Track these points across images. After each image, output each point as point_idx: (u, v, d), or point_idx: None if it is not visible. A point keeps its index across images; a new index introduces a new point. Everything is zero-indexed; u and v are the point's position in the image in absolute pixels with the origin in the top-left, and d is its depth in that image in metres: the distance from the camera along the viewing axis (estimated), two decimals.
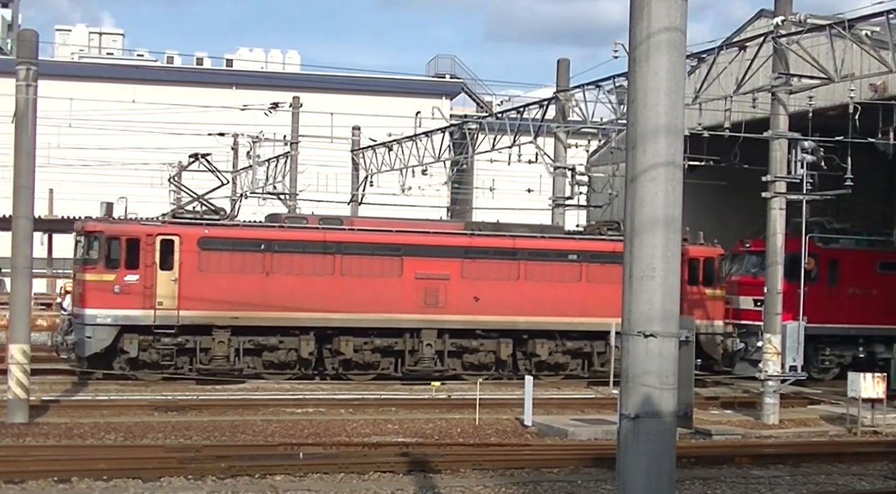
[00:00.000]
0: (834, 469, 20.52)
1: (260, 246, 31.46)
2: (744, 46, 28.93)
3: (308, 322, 31.74)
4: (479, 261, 33.23)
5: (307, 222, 33.01)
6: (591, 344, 34.35)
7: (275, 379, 31.74)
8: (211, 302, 30.63)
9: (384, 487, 17.17)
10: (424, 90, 70.70)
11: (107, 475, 17.14)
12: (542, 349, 33.74)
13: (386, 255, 32.50)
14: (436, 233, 33.65)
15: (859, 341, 36.13)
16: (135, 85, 63.93)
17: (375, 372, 32.86)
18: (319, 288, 31.77)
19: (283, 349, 31.81)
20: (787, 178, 27.05)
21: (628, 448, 8.33)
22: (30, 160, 23.81)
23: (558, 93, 37.30)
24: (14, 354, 23.25)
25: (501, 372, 33.83)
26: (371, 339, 32.43)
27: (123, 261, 30.25)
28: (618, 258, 33.91)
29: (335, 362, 32.46)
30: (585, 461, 19.87)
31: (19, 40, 25.51)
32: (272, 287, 31.35)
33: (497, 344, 33.52)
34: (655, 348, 8.24)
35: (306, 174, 49.37)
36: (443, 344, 33.02)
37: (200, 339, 31.04)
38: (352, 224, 33.34)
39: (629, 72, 8.40)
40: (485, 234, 33.93)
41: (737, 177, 35.84)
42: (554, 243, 34.27)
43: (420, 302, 32.64)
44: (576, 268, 34.06)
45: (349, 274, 32.07)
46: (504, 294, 33.32)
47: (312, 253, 31.86)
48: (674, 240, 8.28)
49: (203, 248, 30.91)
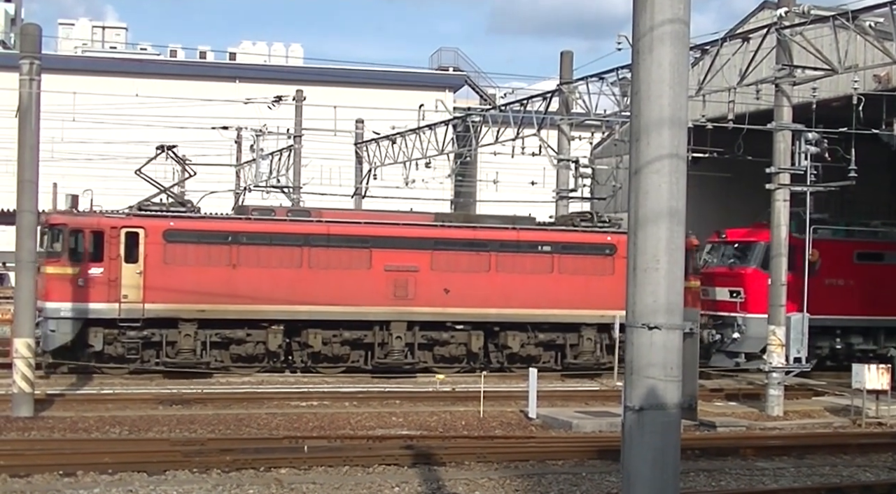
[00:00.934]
0: (838, 461, 20.52)
1: (226, 238, 31.23)
2: (747, 38, 28.90)
3: (275, 314, 31.50)
4: (449, 253, 33.01)
5: (275, 214, 32.83)
6: (563, 336, 34.14)
7: (242, 372, 31.40)
8: (177, 294, 30.37)
9: (389, 480, 17.18)
10: (428, 83, 70.67)
11: (112, 468, 17.15)
12: (513, 341, 33.50)
13: (354, 247, 32.27)
14: (405, 224, 33.45)
15: (837, 332, 35.76)
16: (138, 79, 63.98)
17: (345, 364, 32.61)
18: (287, 280, 31.54)
19: (251, 342, 31.54)
20: (790, 170, 27.03)
21: (633, 441, 8.33)
22: (33, 154, 23.83)
23: (562, 86, 37.27)
24: (19, 348, 23.30)
25: (473, 365, 33.54)
26: (340, 332, 32.19)
27: (87, 254, 30.03)
28: (590, 249, 33.89)
29: (304, 355, 32.23)
30: (590, 453, 19.88)
31: (22, 34, 25.52)
32: (239, 279, 31.09)
33: (468, 337, 33.24)
34: (660, 340, 8.22)
35: (310, 167, 49.39)
36: (413, 337, 32.74)
37: (167, 332, 30.76)
38: (320, 216, 33.09)
39: (632, 64, 8.39)
40: (454, 226, 33.72)
41: (741, 169, 35.78)
42: (525, 234, 34.02)
43: (389, 294, 32.40)
44: (547, 260, 33.85)
45: (317, 266, 31.86)
46: (474, 286, 33.08)
47: (280, 245, 31.66)
48: (678, 233, 8.27)
49: (168, 241, 30.68)
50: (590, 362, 33.89)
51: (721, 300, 36.01)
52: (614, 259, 34.06)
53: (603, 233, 34.72)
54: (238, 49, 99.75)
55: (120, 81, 64.13)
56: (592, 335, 34.08)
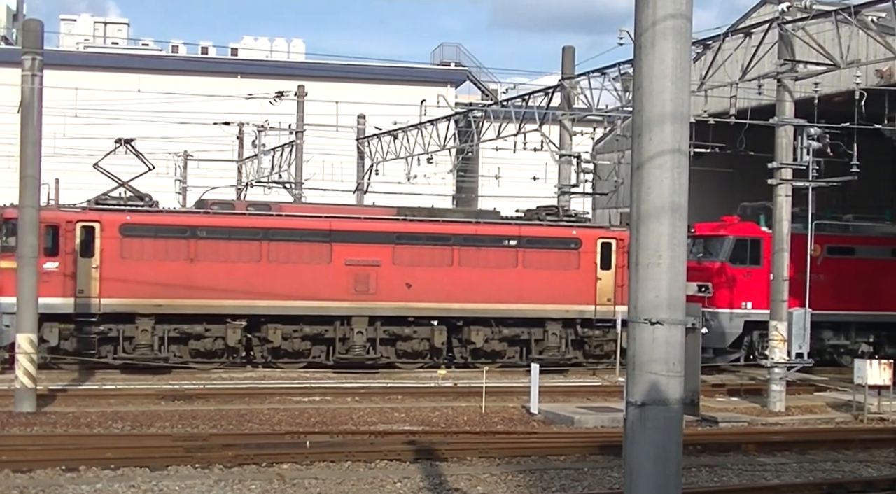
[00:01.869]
0: (840, 456, 20.53)
1: (184, 232, 30.94)
2: (749, 33, 28.88)
3: (234, 309, 31.25)
4: (411, 247, 32.73)
5: (234, 208, 32.59)
6: (528, 332, 33.89)
7: (202, 368, 31.12)
8: (134, 289, 30.07)
9: (391, 475, 17.20)
10: (429, 78, 70.57)
11: (114, 463, 17.18)
12: (477, 336, 33.17)
13: (315, 241, 31.98)
14: (366, 218, 33.18)
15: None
16: (140, 74, 63.89)
17: (306, 360, 32.38)
18: (246, 275, 31.23)
19: (210, 337, 31.26)
20: (792, 165, 27.00)
21: (635, 436, 8.33)
22: (36, 150, 23.84)
23: (563, 81, 37.24)
24: (21, 344, 23.34)
25: (436, 360, 33.34)
26: (300, 327, 31.93)
27: (42, 249, 29.25)
28: (555, 244, 33.67)
29: (264, 350, 31.97)
30: (592, 448, 19.87)
31: (24, 30, 25.53)
32: (197, 274, 30.82)
33: (431, 332, 32.98)
34: (662, 335, 8.22)
35: (311, 163, 49.37)
36: (375, 332, 32.49)
37: (124, 328, 30.48)
38: (280, 210, 32.93)
39: (635, 59, 8.39)
40: (417, 220, 33.39)
41: (742, 164, 35.82)
42: (489, 228, 33.76)
43: (350, 288, 32.09)
44: (511, 254, 33.53)
45: (277, 260, 31.57)
46: (437, 280, 32.81)
47: (238, 239, 31.36)
48: (680, 228, 8.26)
49: (125, 235, 30.40)
50: (555, 357, 33.50)
51: (689, 294, 35.80)
52: (580, 253, 33.93)
53: (568, 228, 34.43)
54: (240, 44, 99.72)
55: (122, 77, 64.11)
56: (557, 330, 33.80)
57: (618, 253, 34.13)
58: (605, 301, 34.05)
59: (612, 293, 34.07)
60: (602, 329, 34.28)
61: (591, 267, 34.01)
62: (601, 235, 34.50)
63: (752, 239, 35.53)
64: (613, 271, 34.19)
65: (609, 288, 34.12)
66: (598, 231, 34.85)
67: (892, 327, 37.38)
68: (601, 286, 34.08)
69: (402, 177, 44.05)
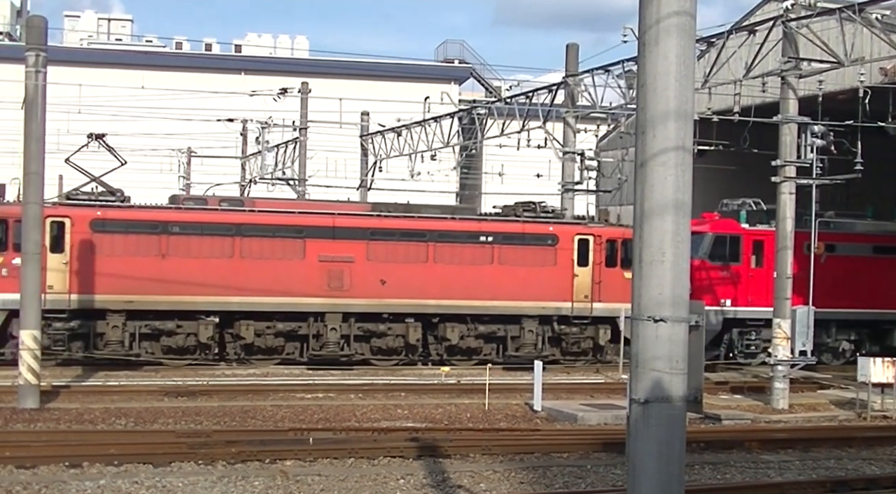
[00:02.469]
0: (844, 454, 20.52)
1: (156, 227, 30.76)
2: (753, 30, 28.86)
3: (206, 306, 31.03)
4: (385, 243, 32.53)
5: (207, 204, 32.44)
6: (504, 329, 33.75)
7: (174, 364, 30.94)
8: (104, 285, 29.85)
9: (394, 472, 17.20)
10: (433, 75, 70.53)
11: (118, 460, 17.19)
12: (452, 333, 33.05)
13: (288, 237, 31.81)
14: (340, 214, 32.93)
15: None
16: (144, 71, 63.94)
17: (279, 357, 32.23)
18: (218, 271, 31.04)
19: (182, 333, 31.08)
20: (796, 163, 27.00)
21: (638, 433, 8.33)
22: (39, 146, 23.86)
23: (567, 78, 37.24)
24: (25, 340, 23.36)
25: (411, 357, 33.22)
26: (274, 323, 31.78)
27: (11, 244, 29.35)
28: (532, 240, 33.51)
29: (237, 347, 31.83)
30: (595, 446, 19.88)
31: (28, 26, 25.55)
32: (169, 270, 30.60)
33: (406, 329, 32.82)
34: (665, 333, 8.21)
35: (315, 160, 49.39)
36: (349, 329, 32.34)
37: (94, 324, 30.32)
38: (253, 205, 32.79)
39: (638, 56, 8.38)
40: (391, 216, 33.21)
41: (746, 162, 35.76)
42: (464, 225, 33.61)
43: (324, 285, 31.91)
44: (488, 250, 33.37)
45: (249, 256, 31.39)
46: (412, 277, 32.62)
47: (210, 235, 31.18)
48: (683, 225, 8.26)
49: (96, 230, 30.20)
50: (532, 354, 33.15)
51: None
52: (556, 250, 33.79)
53: (545, 224, 34.29)
54: (244, 41, 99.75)
55: (125, 73, 64.10)
56: (534, 327, 33.67)
57: (595, 249, 34.04)
58: (583, 298, 33.90)
59: (589, 290, 33.94)
60: (579, 326, 34.17)
61: (568, 263, 33.86)
62: (578, 232, 34.31)
63: (732, 236, 35.43)
64: (591, 268, 34.03)
65: (586, 284, 33.96)
66: (575, 227, 34.63)
67: (873, 325, 37.26)
68: (578, 283, 33.90)
69: (405, 174, 44.06)
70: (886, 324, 37.49)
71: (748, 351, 35.55)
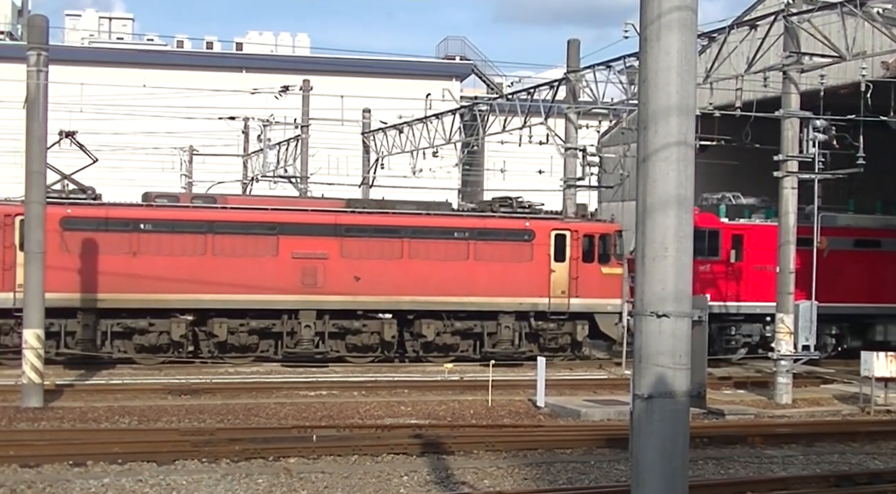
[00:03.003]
0: (847, 449, 20.52)
1: (127, 225, 30.58)
2: (755, 25, 28.83)
3: (179, 303, 30.91)
4: (359, 240, 32.40)
5: (179, 201, 32.31)
6: (481, 325, 33.57)
7: (147, 363, 30.77)
8: (75, 283, 29.65)
9: (397, 469, 17.21)
10: (435, 72, 70.50)
11: (121, 458, 17.21)
12: (428, 329, 32.86)
13: (261, 234, 31.69)
14: (313, 210, 32.83)
15: (766, 319, 34.52)
16: (145, 69, 63.93)
17: (254, 354, 32.06)
18: (191, 268, 30.89)
19: (154, 332, 30.89)
20: (798, 157, 26.99)
21: (642, 429, 8.33)
22: (41, 145, 23.89)
23: (569, 74, 37.20)
24: (28, 339, 23.38)
25: (387, 354, 33.07)
26: (247, 321, 31.63)
27: None
28: (508, 236, 33.32)
29: (210, 345, 31.66)
30: (598, 441, 19.90)
31: (30, 25, 25.56)
32: (141, 268, 30.43)
33: (381, 325, 32.64)
34: (668, 328, 8.22)
35: (317, 157, 49.37)
36: (323, 326, 32.20)
37: (66, 322, 30.12)
38: (226, 202, 32.65)
39: (640, 52, 8.38)
40: (365, 212, 33.12)
41: (748, 157, 35.70)
42: (439, 220, 33.47)
43: (297, 282, 31.76)
44: (463, 246, 33.21)
45: (222, 253, 31.23)
46: (387, 273, 32.46)
47: (182, 232, 31.04)
48: (686, 221, 8.26)
49: (66, 228, 30.02)
50: (508, 350, 33.24)
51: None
52: (533, 245, 33.64)
53: (521, 219, 34.15)
54: (245, 39, 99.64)
55: (127, 72, 64.10)
56: (511, 323, 33.50)
57: (572, 244, 33.90)
58: (560, 293, 33.75)
59: (566, 285, 33.78)
60: (556, 321, 34.01)
61: (545, 259, 33.72)
62: (555, 227, 34.17)
63: (710, 230, 35.22)
64: (567, 263, 33.88)
65: (563, 280, 33.80)
66: (551, 222, 34.49)
67: (853, 319, 37.07)
68: (555, 278, 33.75)
69: (407, 171, 44.03)
70: (867, 318, 37.24)
71: (728, 346, 35.36)
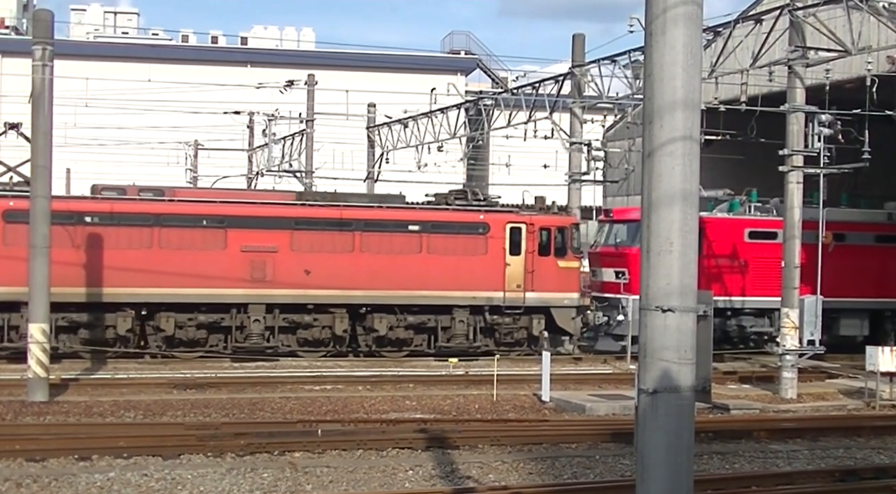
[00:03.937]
0: (852, 443, 20.52)
1: (71, 218, 30.06)
2: (760, 19, 28.80)
3: (125, 297, 30.48)
4: (310, 233, 32.02)
5: (126, 193, 31.96)
6: (435, 319, 33.23)
7: (90, 358, 30.35)
8: (18, 277, 28.43)
9: (402, 463, 17.23)
10: (440, 66, 70.58)
11: (127, 452, 17.25)
12: (381, 324, 32.45)
13: (209, 227, 31.31)
14: (262, 203, 32.51)
15: (727, 314, 34.42)
16: (150, 64, 64.11)
17: (202, 349, 31.68)
18: (137, 261, 30.45)
19: (100, 326, 30.56)
20: (804, 152, 26.94)
21: (647, 423, 8.33)
22: (47, 140, 23.90)
23: (574, 69, 37.16)
24: (34, 333, 23.41)
25: (339, 349, 32.77)
26: (195, 315, 31.26)
27: None
28: (462, 229, 32.95)
29: (158, 339, 31.29)
30: (603, 436, 19.90)
31: (35, 20, 25.56)
32: (86, 261, 30.10)
33: (332, 319, 32.30)
34: (673, 323, 8.21)
35: (322, 152, 49.41)
36: (273, 320, 31.86)
37: (9, 317, 29.81)
38: (174, 195, 32.36)
39: (645, 46, 8.37)
40: (316, 205, 32.78)
41: (753, 151, 35.67)
42: (392, 213, 33.07)
43: (246, 275, 31.39)
44: (416, 239, 32.84)
45: (169, 247, 30.86)
46: (338, 267, 32.07)
47: (128, 225, 30.64)
48: (691, 215, 8.26)
49: (8, 221, 29.65)
50: (463, 345, 32.90)
51: (607, 281, 34.85)
52: (487, 238, 33.31)
53: (476, 212, 33.83)
54: (250, 34, 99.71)
55: (132, 67, 64.25)
56: (465, 317, 33.15)
57: (528, 238, 33.59)
58: (515, 287, 33.39)
59: (521, 279, 33.42)
60: (512, 316, 33.73)
61: (500, 252, 33.36)
62: (510, 220, 33.78)
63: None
64: (523, 257, 33.53)
65: (518, 274, 33.45)
66: (506, 215, 34.13)
67: (832, 312, 36.72)
68: (510, 272, 33.41)
69: (412, 165, 44.04)
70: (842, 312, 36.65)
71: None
